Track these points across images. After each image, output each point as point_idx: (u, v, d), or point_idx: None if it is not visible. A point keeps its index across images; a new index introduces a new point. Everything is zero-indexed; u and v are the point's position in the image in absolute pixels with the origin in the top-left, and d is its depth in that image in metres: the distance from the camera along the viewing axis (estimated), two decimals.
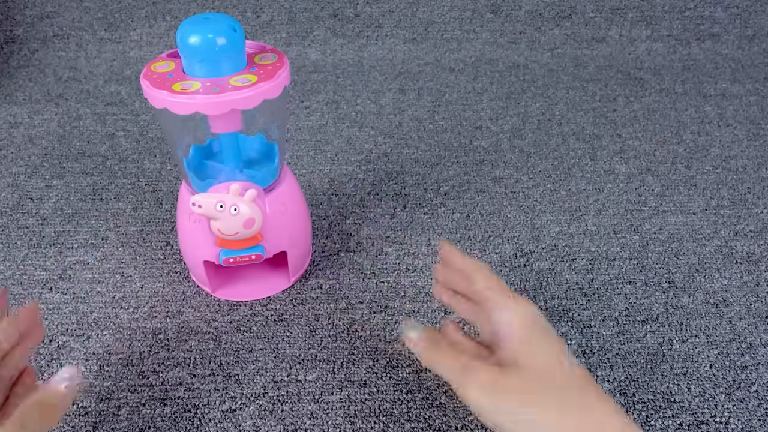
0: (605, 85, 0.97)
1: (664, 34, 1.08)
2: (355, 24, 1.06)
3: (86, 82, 0.97)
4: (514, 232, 0.64)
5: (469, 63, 1.04)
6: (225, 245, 0.50)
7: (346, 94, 0.93)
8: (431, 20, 1.07)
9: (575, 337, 0.52)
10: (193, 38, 0.41)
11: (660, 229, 0.65)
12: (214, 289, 0.57)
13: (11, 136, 0.82)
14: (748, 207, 0.68)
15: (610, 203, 0.69)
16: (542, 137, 0.82)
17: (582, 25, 1.08)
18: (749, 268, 0.60)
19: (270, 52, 0.47)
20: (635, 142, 0.81)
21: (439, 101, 0.91)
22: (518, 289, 0.57)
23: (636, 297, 0.56)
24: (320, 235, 0.64)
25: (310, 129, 0.84)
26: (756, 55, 1.06)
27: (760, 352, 0.51)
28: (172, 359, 0.50)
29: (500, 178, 0.73)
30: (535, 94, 0.94)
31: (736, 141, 0.81)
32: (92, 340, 0.52)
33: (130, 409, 0.46)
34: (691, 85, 0.97)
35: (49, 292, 0.57)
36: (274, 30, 1.06)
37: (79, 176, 0.74)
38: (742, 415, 0.46)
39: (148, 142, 0.80)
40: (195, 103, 0.41)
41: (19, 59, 1.02)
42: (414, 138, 0.82)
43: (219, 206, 0.46)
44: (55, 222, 0.66)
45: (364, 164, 0.76)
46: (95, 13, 1.04)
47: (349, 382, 0.48)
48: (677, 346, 0.51)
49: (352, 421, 0.45)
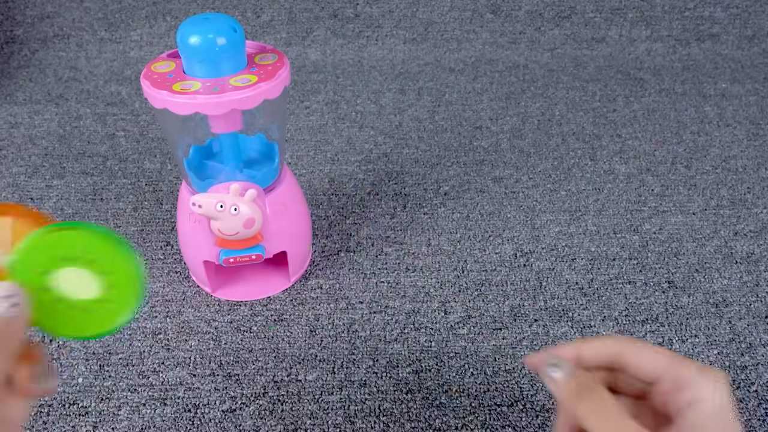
0: (605, 85, 0.97)
1: (664, 34, 1.08)
2: (355, 24, 1.06)
3: (86, 82, 0.97)
4: (514, 232, 0.65)
5: (469, 63, 1.04)
6: (225, 245, 0.50)
7: (346, 94, 0.93)
8: (431, 20, 1.07)
9: (575, 337, 0.52)
10: (194, 38, 0.42)
11: (660, 229, 0.65)
12: (214, 289, 0.57)
13: (11, 136, 0.82)
14: (748, 207, 0.68)
15: (610, 203, 0.69)
16: (542, 137, 0.82)
17: (582, 25, 1.08)
18: (749, 268, 0.60)
19: (270, 52, 0.47)
20: (635, 142, 0.81)
21: (439, 101, 0.91)
22: (518, 289, 0.57)
23: (636, 297, 0.56)
24: (320, 235, 0.64)
25: (310, 129, 0.84)
26: (756, 55, 1.06)
27: (759, 352, 0.51)
28: (172, 359, 0.50)
29: (500, 178, 0.73)
30: (535, 94, 0.94)
31: (735, 141, 0.81)
32: (92, 340, 0.52)
33: (130, 409, 0.46)
34: (691, 85, 0.97)
35: None
36: (274, 30, 1.06)
37: (80, 176, 0.74)
38: (742, 415, 0.46)
39: (148, 142, 0.80)
40: (195, 103, 0.41)
41: (19, 59, 1.02)
42: (414, 138, 0.82)
43: (219, 206, 0.46)
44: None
45: (364, 164, 0.76)
46: (95, 14, 1.04)
47: (349, 382, 0.48)
48: (677, 346, 0.52)
49: (352, 421, 0.45)
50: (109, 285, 0.27)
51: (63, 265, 0.26)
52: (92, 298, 0.27)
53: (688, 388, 0.27)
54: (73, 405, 0.47)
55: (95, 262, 0.26)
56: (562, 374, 0.29)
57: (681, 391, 0.27)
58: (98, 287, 0.27)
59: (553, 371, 0.29)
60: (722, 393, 0.26)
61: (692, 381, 0.27)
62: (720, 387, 0.27)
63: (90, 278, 0.27)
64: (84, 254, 0.26)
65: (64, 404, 0.47)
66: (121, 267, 0.26)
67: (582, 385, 0.28)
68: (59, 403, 0.47)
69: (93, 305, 0.27)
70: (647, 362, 0.28)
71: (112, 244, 0.26)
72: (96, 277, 0.26)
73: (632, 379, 0.30)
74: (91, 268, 0.26)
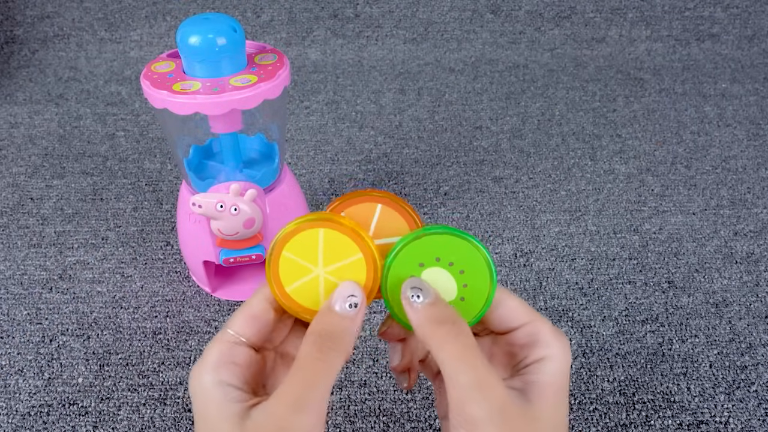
0: (605, 85, 0.97)
1: (664, 34, 1.08)
2: (355, 24, 1.06)
3: (86, 82, 0.97)
4: (514, 232, 0.65)
5: (469, 63, 1.04)
6: (225, 245, 0.50)
7: (346, 94, 0.93)
8: (431, 20, 1.07)
9: (575, 337, 0.52)
10: (194, 38, 0.42)
11: (660, 229, 0.65)
12: (214, 289, 0.57)
13: (11, 136, 0.82)
14: (748, 207, 0.68)
15: (610, 203, 0.69)
16: (542, 137, 0.82)
17: (582, 25, 1.08)
18: (749, 268, 0.60)
19: (270, 52, 0.48)
20: (635, 142, 0.81)
21: (439, 101, 0.91)
22: (518, 289, 0.57)
23: (636, 297, 0.56)
24: None
25: (310, 129, 0.84)
26: (756, 55, 1.06)
27: (759, 352, 0.51)
28: (172, 359, 0.50)
29: (500, 178, 0.73)
30: (535, 94, 0.94)
31: (735, 141, 0.81)
32: (92, 340, 0.52)
33: (130, 409, 0.46)
34: (690, 85, 0.97)
35: (49, 292, 0.57)
36: (274, 30, 1.06)
37: (80, 176, 0.74)
38: (742, 415, 0.46)
39: (148, 142, 0.81)
40: (195, 103, 0.41)
41: (19, 59, 1.02)
42: (414, 138, 0.82)
43: (219, 206, 0.46)
44: (55, 222, 0.66)
45: (364, 164, 0.76)
46: (95, 13, 1.04)
47: (349, 382, 0.48)
48: (677, 346, 0.52)
49: (352, 421, 0.45)
50: (467, 285, 0.29)
51: (427, 266, 0.29)
52: (452, 298, 0.29)
53: (542, 346, 0.28)
54: (73, 405, 0.47)
55: (455, 263, 0.29)
56: (423, 299, 0.28)
57: (534, 347, 0.28)
58: (457, 287, 0.29)
59: (414, 295, 0.28)
60: (569, 357, 0.28)
61: (546, 340, 0.28)
62: (568, 352, 0.28)
63: (450, 279, 0.29)
64: (447, 256, 0.29)
65: (64, 404, 0.47)
66: (479, 270, 0.29)
67: (443, 315, 0.27)
68: (59, 403, 0.47)
69: (453, 304, 0.29)
70: (508, 312, 0.29)
71: (472, 248, 0.28)
72: (455, 277, 0.29)
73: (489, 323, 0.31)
74: (450, 269, 0.29)
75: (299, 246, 0.28)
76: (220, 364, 0.27)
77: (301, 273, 0.29)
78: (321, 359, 0.26)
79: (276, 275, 0.29)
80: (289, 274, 0.29)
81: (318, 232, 0.28)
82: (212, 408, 0.26)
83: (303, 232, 0.28)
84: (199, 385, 0.27)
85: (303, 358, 0.26)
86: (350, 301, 0.27)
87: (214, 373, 0.27)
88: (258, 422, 0.25)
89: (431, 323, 0.27)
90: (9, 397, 0.47)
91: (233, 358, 0.27)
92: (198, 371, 0.27)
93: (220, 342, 0.28)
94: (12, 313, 0.55)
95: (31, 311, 0.55)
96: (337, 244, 0.28)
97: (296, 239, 0.28)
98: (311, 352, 0.26)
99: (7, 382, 0.49)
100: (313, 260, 0.29)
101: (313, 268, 0.29)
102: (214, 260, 0.52)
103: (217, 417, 0.26)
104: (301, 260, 0.29)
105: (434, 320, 0.27)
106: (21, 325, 0.54)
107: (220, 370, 0.27)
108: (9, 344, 0.52)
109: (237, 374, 0.27)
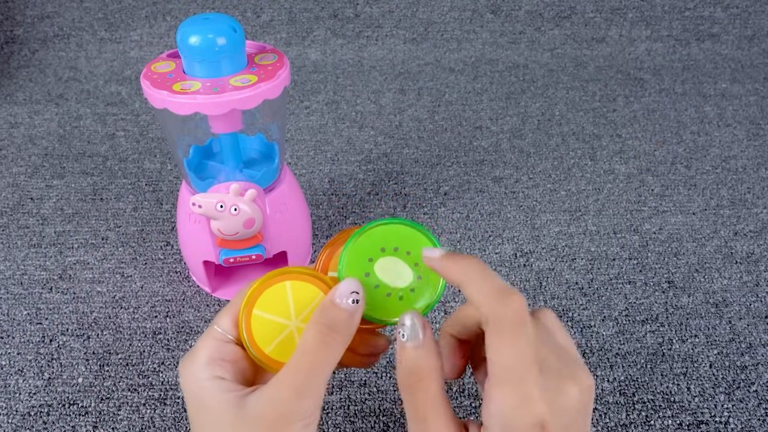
0: (605, 85, 0.97)
1: (664, 34, 1.08)
2: (355, 24, 1.06)
3: (86, 82, 0.97)
4: (514, 232, 0.65)
5: (469, 63, 1.04)
6: (225, 245, 0.50)
7: (346, 94, 0.93)
8: (431, 20, 1.07)
9: (575, 337, 0.52)
10: (194, 38, 0.42)
11: (660, 229, 0.65)
12: (214, 289, 0.57)
13: (11, 136, 0.82)
14: (748, 207, 0.68)
15: (610, 203, 0.69)
16: (542, 137, 0.82)
17: (582, 25, 1.08)
18: (749, 268, 0.60)
19: (270, 52, 0.48)
20: (635, 142, 0.81)
21: (439, 101, 0.91)
22: (518, 288, 0.57)
23: (636, 297, 0.56)
24: (320, 235, 0.64)
25: (310, 129, 0.84)
26: (756, 55, 1.06)
27: (759, 352, 0.51)
28: (172, 359, 0.50)
29: (500, 178, 0.73)
30: (535, 94, 0.94)
31: (735, 141, 0.81)
32: (92, 340, 0.52)
33: (130, 409, 0.46)
34: (690, 85, 0.97)
35: (49, 292, 0.57)
36: (274, 30, 1.06)
37: (80, 176, 0.74)
38: (742, 415, 0.46)
39: (148, 142, 0.80)
40: (195, 103, 0.41)
41: (19, 59, 1.02)
42: (414, 138, 0.82)
43: (219, 206, 0.46)
44: (55, 222, 0.66)
45: (364, 164, 0.76)
46: (95, 13, 1.04)
47: (349, 382, 0.48)
48: (677, 346, 0.52)
49: (352, 421, 0.45)
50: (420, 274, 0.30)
51: (382, 255, 0.30)
52: (406, 286, 0.30)
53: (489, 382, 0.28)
54: (73, 405, 0.47)
55: (411, 253, 0.30)
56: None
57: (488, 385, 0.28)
58: (411, 276, 0.30)
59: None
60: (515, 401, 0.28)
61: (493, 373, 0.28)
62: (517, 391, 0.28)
63: (404, 267, 0.30)
64: (401, 246, 0.30)
65: (64, 404, 0.47)
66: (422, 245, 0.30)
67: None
68: (59, 403, 0.47)
69: (406, 293, 0.30)
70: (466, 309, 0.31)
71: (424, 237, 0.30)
72: (409, 266, 0.30)
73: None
74: (405, 258, 0.30)
75: (269, 302, 0.29)
76: (211, 360, 0.29)
77: (276, 331, 0.29)
78: (326, 346, 0.27)
79: (252, 339, 0.29)
80: (264, 334, 0.29)
81: (285, 285, 0.30)
82: (210, 399, 0.28)
83: (270, 288, 0.29)
84: (193, 379, 0.28)
85: (308, 345, 0.27)
86: (353, 298, 0.29)
87: (209, 368, 0.28)
88: (258, 407, 0.26)
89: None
90: (9, 397, 0.47)
91: (223, 355, 0.29)
92: (191, 367, 0.29)
93: (210, 338, 0.29)
94: (12, 313, 0.55)
95: (31, 311, 0.55)
96: (304, 292, 0.30)
97: (264, 296, 0.29)
98: (316, 340, 0.27)
99: (7, 382, 0.49)
100: (285, 314, 0.30)
101: (287, 322, 0.30)
102: (214, 260, 0.52)
103: (216, 407, 0.27)
104: (274, 316, 0.30)
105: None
106: (21, 325, 0.54)
107: (213, 366, 0.28)
108: (9, 344, 0.52)
109: (228, 369, 0.29)
